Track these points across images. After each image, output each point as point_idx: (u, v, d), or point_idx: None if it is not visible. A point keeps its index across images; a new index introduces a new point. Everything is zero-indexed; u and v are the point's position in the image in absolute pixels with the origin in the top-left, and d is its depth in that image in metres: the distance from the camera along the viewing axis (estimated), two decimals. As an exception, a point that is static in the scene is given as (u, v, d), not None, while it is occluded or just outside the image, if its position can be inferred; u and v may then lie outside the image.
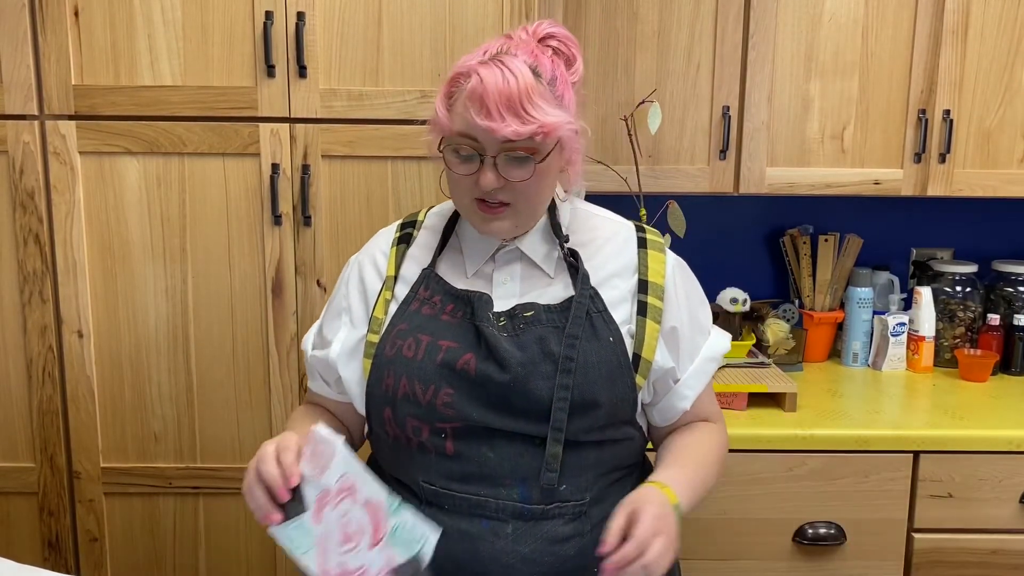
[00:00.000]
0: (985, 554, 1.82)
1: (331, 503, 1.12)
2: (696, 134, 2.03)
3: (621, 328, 1.24)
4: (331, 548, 1.12)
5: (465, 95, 1.15)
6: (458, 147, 1.18)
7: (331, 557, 1.12)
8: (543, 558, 1.19)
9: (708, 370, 1.33)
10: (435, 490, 1.22)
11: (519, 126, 1.13)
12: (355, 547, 1.11)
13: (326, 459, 1.12)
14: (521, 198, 1.20)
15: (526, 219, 1.24)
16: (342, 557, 1.12)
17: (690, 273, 1.36)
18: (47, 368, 1.78)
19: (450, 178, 1.23)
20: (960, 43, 1.99)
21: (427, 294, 1.27)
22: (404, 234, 1.35)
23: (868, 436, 1.79)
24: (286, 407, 1.79)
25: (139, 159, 1.73)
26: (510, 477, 1.20)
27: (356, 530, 1.11)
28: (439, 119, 1.19)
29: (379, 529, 1.10)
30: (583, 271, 1.26)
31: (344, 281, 1.37)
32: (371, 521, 1.11)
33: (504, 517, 1.20)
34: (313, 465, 1.13)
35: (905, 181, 2.04)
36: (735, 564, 1.83)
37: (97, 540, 1.85)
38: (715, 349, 1.34)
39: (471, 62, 1.17)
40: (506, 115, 1.13)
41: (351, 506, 1.12)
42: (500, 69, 1.14)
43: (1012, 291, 2.26)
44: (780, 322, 2.20)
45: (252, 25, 1.68)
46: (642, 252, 1.30)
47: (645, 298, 1.26)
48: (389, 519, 1.10)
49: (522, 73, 1.14)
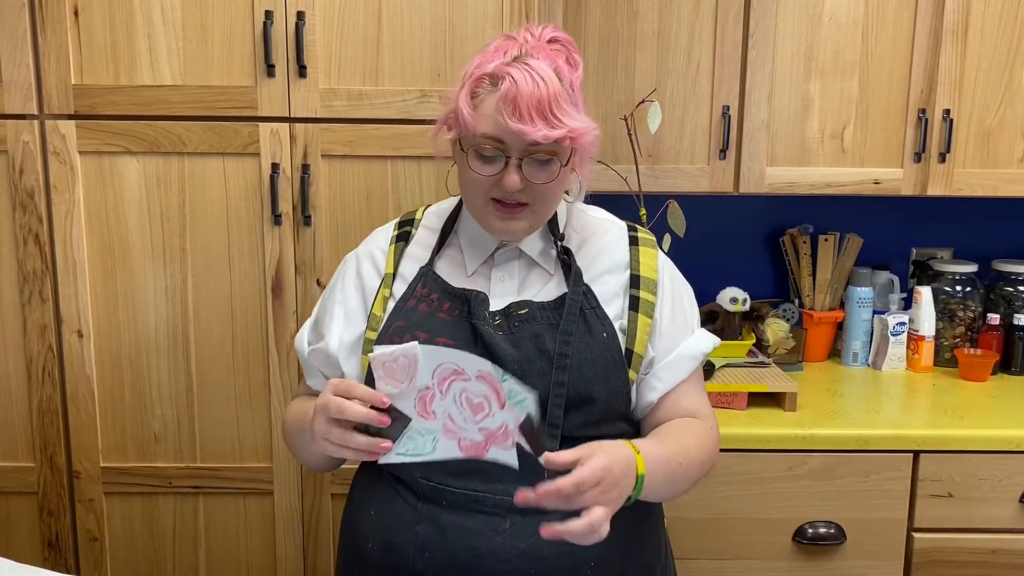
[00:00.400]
0: (985, 554, 1.82)
1: (437, 395, 1.13)
2: (696, 134, 2.03)
3: (614, 324, 1.26)
4: (462, 424, 1.12)
5: (499, 97, 1.16)
6: (481, 148, 1.19)
7: (466, 431, 1.12)
8: (540, 552, 1.19)
9: (685, 367, 1.30)
10: (433, 486, 1.22)
11: (549, 130, 1.15)
12: (488, 412, 1.11)
13: (408, 368, 1.12)
14: (540, 199, 1.22)
15: (540, 220, 1.26)
16: (480, 425, 1.12)
17: (680, 274, 1.37)
18: (47, 368, 1.78)
19: (466, 178, 1.24)
20: (960, 42, 1.99)
21: (424, 292, 1.28)
22: (402, 232, 1.36)
23: (868, 436, 1.79)
24: (286, 406, 1.79)
25: (139, 159, 1.72)
26: (507, 472, 1.20)
27: (481, 400, 1.12)
28: (465, 119, 1.19)
29: (499, 392, 1.11)
30: (576, 268, 1.27)
31: (340, 276, 1.37)
32: (490, 388, 1.11)
33: (501, 512, 1.20)
34: (396, 381, 1.13)
35: (905, 181, 2.04)
36: (735, 563, 1.83)
37: (97, 540, 1.85)
38: (696, 348, 1.32)
39: (497, 63, 1.18)
40: (536, 119, 1.15)
41: (464, 383, 1.12)
42: (529, 73, 1.16)
43: (1012, 291, 2.26)
44: (780, 322, 2.20)
45: (252, 25, 1.68)
46: (633, 249, 1.32)
47: (637, 293, 1.28)
48: (502, 383, 1.11)
49: (550, 78, 1.16)
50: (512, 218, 1.23)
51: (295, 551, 1.85)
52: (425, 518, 1.23)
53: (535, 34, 1.24)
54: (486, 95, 1.18)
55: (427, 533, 1.22)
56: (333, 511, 1.83)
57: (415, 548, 1.22)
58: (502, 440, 1.11)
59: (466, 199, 1.28)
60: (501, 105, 1.16)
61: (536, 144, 1.17)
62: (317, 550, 1.85)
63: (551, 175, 1.20)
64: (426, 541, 1.22)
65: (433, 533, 1.22)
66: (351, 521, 1.34)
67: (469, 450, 1.12)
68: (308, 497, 1.83)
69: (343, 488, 1.79)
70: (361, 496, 1.34)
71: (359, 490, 1.36)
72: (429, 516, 1.22)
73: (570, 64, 1.23)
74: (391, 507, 1.26)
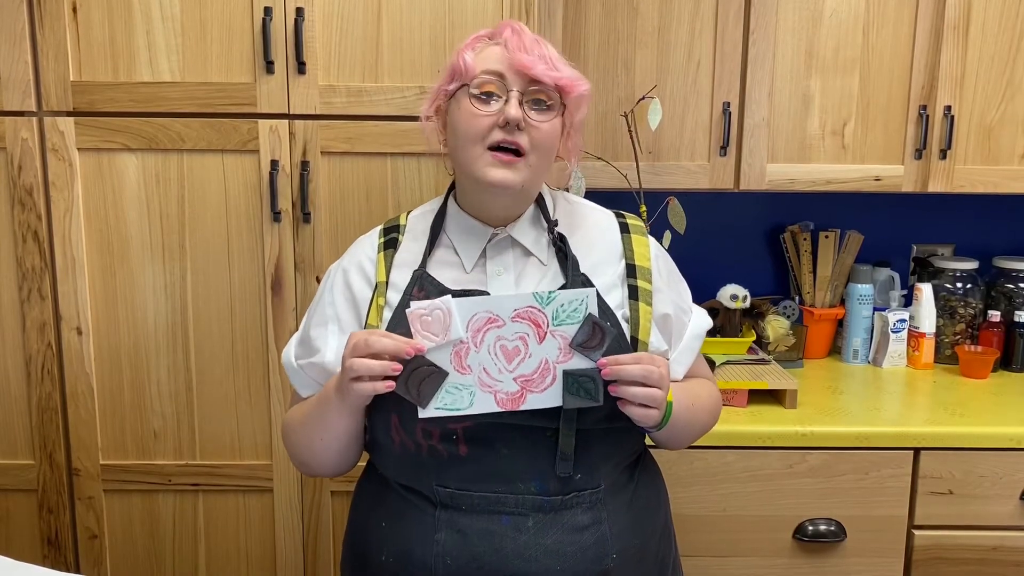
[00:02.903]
0: (985, 551, 1.82)
1: (472, 348, 1.15)
2: (696, 130, 2.02)
3: (616, 313, 1.26)
4: (496, 377, 1.15)
5: (503, 41, 1.24)
6: (482, 86, 1.23)
7: (502, 384, 1.15)
8: (565, 548, 1.20)
9: (694, 347, 1.39)
10: (450, 492, 1.22)
11: (549, 69, 1.22)
12: (524, 355, 1.15)
13: (444, 321, 1.14)
14: (537, 147, 1.24)
15: (535, 176, 1.27)
16: (515, 373, 1.15)
17: (667, 255, 1.40)
18: (46, 365, 1.78)
19: (464, 126, 1.24)
20: (961, 39, 1.98)
21: (421, 295, 1.26)
22: (389, 239, 1.34)
23: (868, 433, 1.79)
24: (285, 404, 1.79)
25: (138, 155, 1.72)
26: (526, 471, 1.20)
27: (516, 343, 1.14)
28: (467, 62, 1.24)
29: (540, 325, 1.13)
30: (572, 256, 1.28)
31: (328, 289, 1.35)
32: (529, 324, 1.14)
33: (525, 511, 1.20)
34: (432, 335, 1.14)
35: (906, 177, 2.04)
36: (735, 561, 1.83)
37: (96, 537, 1.85)
38: (699, 327, 1.40)
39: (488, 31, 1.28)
40: (538, 59, 1.22)
41: (498, 331, 1.14)
42: (526, 30, 1.25)
43: (1013, 287, 2.26)
44: (780, 319, 2.20)
45: (251, 21, 1.67)
46: (625, 237, 1.33)
47: (635, 282, 1.29)
48: (545, 310, 1.13)
49: (543, 40, 1.26)
50: (507, 166, 1.23)
51: (295, 548, 1.85)
52: (445, 525, 1.22)
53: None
54: (485, 47, 1.26)
55: (448, 539, 1.21)
56: (333, 508, 1.83)
57: (436, 556, 1.21)
58: (540, 381, 1.15)
59: (462, 152, 1.25)
60: (507, 43, 1.23)
61: (537, 82, 1.22)
62: (317, 547, 1.85)
63: (548, 118, 1.23)
64: (448, 548, 1.21)
65: (455, 539, 1.21)
66: (358, 531, 1.33)
67: (505, 403, 1.15)
68: (308, 494, 1.83)
69: (343, 486, 1.80)
70: (368, 507, 1.32)
71: (365, 499, 1.35)
72: (449, 522, 1.22)
73: None
74: (404, 518, 1.25)
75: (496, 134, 1.22)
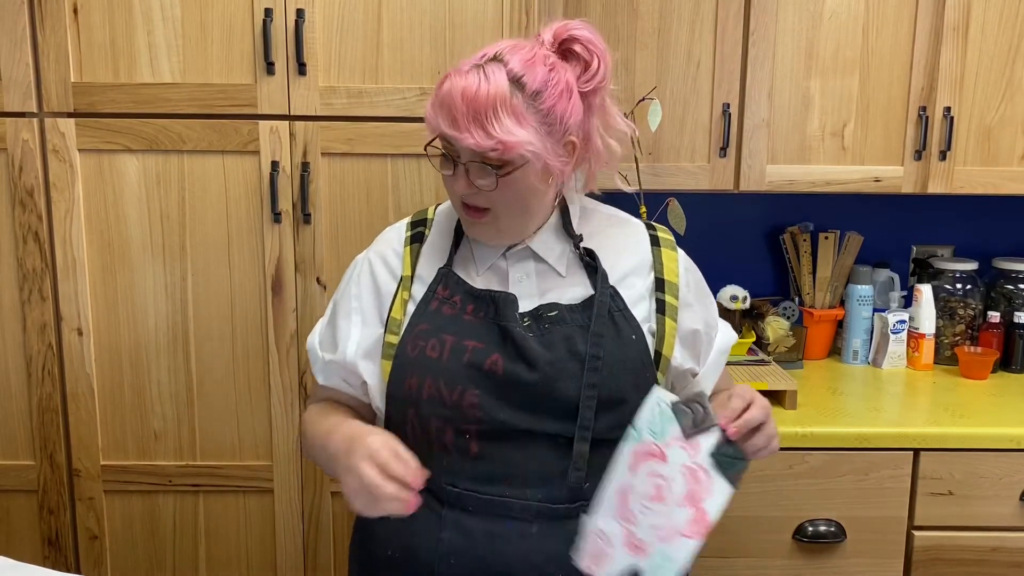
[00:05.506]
0: (985, 552, 1.82)
1: (632, 526, 1.15)
2: (696, 132, 2.03)
3: (642, 326, 1.25)
4: (669, 518, 1.14)
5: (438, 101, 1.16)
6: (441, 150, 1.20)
7: (674, 516, 1.14)
8: (567, 556, 1.19)
9: (720, 362, 1.38)
10: (458, 492, 1.22)
11: (481, 139, 1.13)
12: (668, 484, 1.14)
13: (604, 549, 1.16)
14: (499, 205, 1.20)
15: (509, 225, 1.24)
16: (676, 500, 1.14)
17: (698, 271, 1.38)
18: (47, 366, 1.78)
19: (443, 181, 1.25)
20: (961, 40, 1.99)
21: (446, 293, 1.26)
22: (416, 233, 1.34)
23: (868, 434, 1.79)
24: (286, 404, 1.79)
25: (138, 157, 1.72)
26: (535, 477, 1.20)
27: (650, 484, 1.15)
28: (428, 119, 1.19)
29: (653, 453, 1.15)
30: (602, 271, 1.26)
31: (353, 280, 1.34)
32: (644, 462, 1.15)
33: (529, 517, 1.20)
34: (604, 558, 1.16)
35: (906, 178, 2.04)
36: (735, 561, 1.83)
37: (97, 538, 1.85)
38: (725, 343, 1.39)
39: (467, 63, 1.17)
40: (471, 125, 1.13)
41: (633, 493, 1.15)
42: (477, 77, 1.13)
43: (1012, 288, 2.26)
44: (780, 320, 2.20)
45: (251, 22, 1.68)
46: (655, 250, 1.32)
47: (663, 297, 1.28)
48: (644, 438, 1.14)
49: (496, 84, 1.13)
50: (476, 222, 1.23)
51: (295, 549, 1.85)
52: (450, 524, 1.22)
53: (553, 32, 1.21)
54: None
55: (453, 539, 1.21)
56: (333, 509, 1.83)
57: (439, 555, 1.21)
58: (697, 486, 1.14)
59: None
60: (438, 108, 1.16)
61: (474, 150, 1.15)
62: (317, 548, 1.85)
63: (491, 184, 1.17)
64: (452, 547, 1.21)
65: (459, 539, 1.21)
66: (366, 526, 1.33)
67: (694, 531, 1.14)
68: (308, 495, 1.83)
69: (343, 486, 1.80)
70: None
71: None
72: (454, 522, 1.21)
73: (575, 65, 1.20)
74: (411, 514, 1.26)
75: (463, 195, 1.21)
